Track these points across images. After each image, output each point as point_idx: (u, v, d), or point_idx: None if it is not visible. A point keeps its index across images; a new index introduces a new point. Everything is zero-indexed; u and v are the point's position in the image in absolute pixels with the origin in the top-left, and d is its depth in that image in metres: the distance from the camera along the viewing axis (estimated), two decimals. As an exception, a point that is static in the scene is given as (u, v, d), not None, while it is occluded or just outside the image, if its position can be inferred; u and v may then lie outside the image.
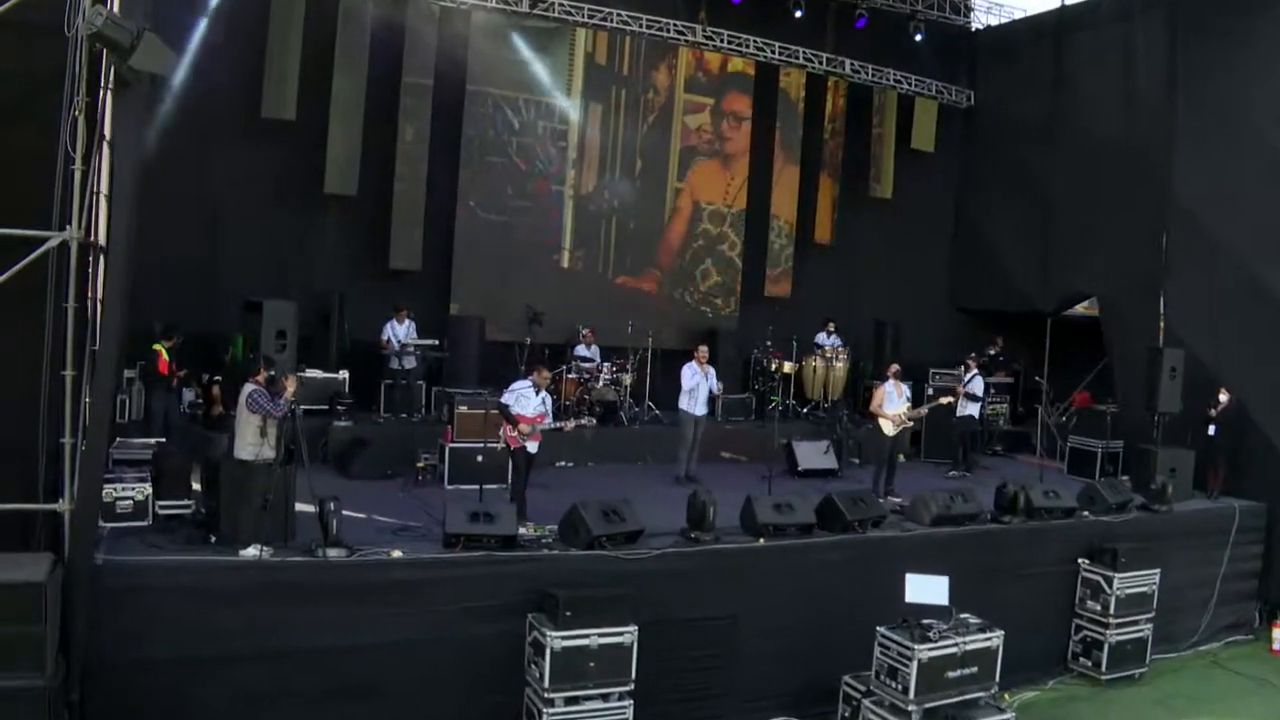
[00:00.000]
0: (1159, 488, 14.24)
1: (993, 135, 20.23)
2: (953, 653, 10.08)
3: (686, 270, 18.28)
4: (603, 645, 9.47)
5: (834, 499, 11.79)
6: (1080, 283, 18.76)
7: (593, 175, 17.36)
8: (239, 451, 8.96)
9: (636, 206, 17.80)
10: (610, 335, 16.50)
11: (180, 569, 8.56)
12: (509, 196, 16.61)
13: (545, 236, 17.23)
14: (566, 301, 16.48)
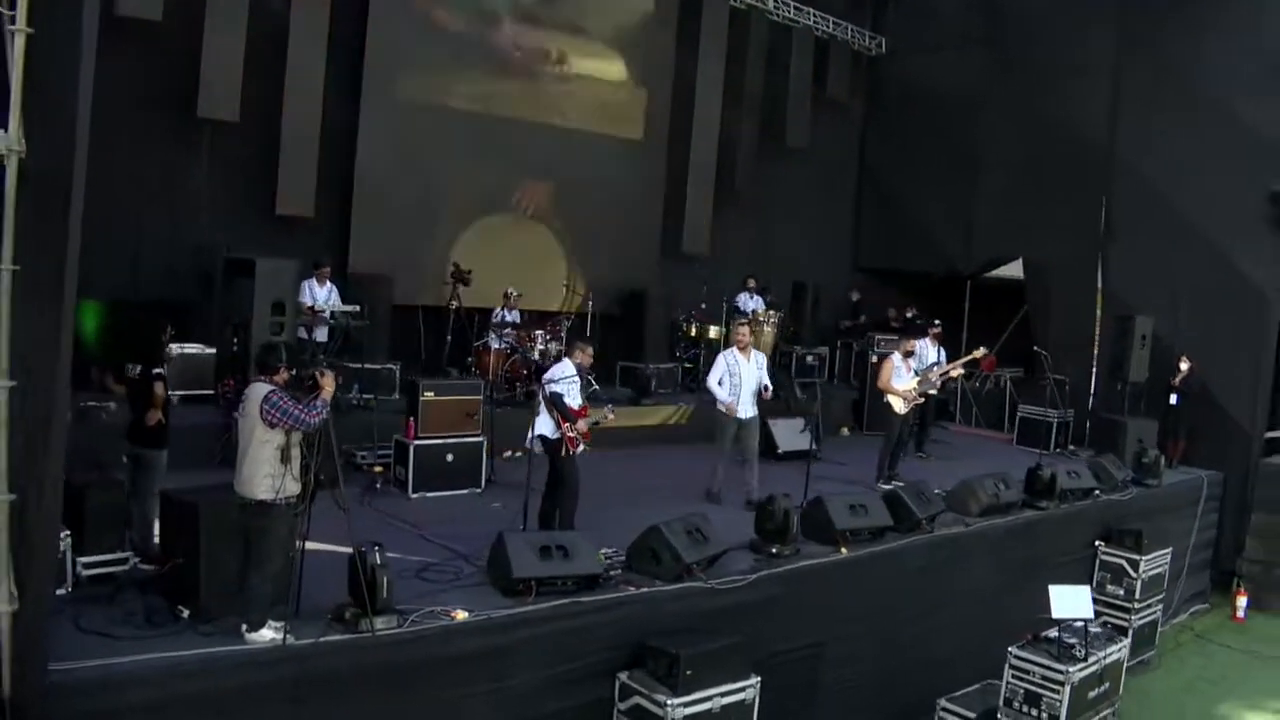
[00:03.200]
0: (1151, 461, 13.43)
1: (907, 88, 18.90)
2: (1095, 670, 8.55)
3: (608, 222, 15.73)
4: (725, 707, 7.32)
5: (901, 495, 9.98)
6: (1006, 246, 17.81)
7: (514, 105, 14.49)
8: (251, 488, 5.93)
9: (560, 148, 15.10)
10: (534, 298, 13.85)
11: (171, 674, 5.49)
12: (423, 131, 13.51)
13: (463, 181, 14.26)
14: (490, 259, 13.64)
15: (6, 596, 4.78)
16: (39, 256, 4.67)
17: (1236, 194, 14.58)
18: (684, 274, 16.51)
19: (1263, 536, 14.46)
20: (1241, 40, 14.67)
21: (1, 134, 4.58)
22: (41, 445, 4.74)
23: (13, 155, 4.59)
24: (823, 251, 19.06)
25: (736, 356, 10.44)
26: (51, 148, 4.75)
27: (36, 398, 4.70)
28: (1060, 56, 16.47)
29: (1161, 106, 15.31)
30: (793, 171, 18.09)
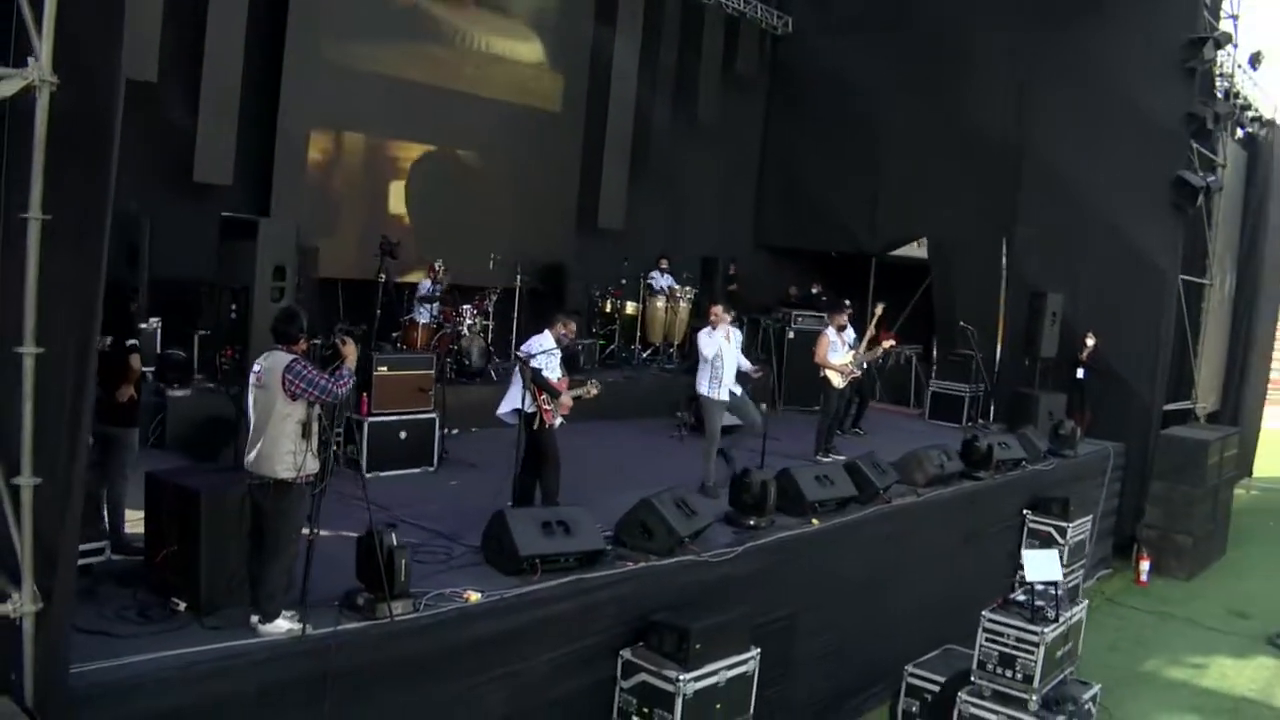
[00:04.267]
0: (1068, 433, 13.89)
1: (812, 68, 18.97)
2: (1063, 631, 8.74)
3: (529, 196, 15.35)
4: (730, 679, 7.25)
5: (861, 466, 10.04)
6: (911, 225, 18.15)
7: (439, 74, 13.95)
8: (271, 467, 5.45)
9: (483, 119, 14.63)
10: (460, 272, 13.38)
11: (189, 673, 5.00)
12: (348, 98, 12.88)
13: (389, 151, 13.63)
14: (416, 231, 13.10)
15: (30, 595, 4.26)
16: (71, 206, 4.15)
17: (1137, 177, 15.18)
18: (599, 249, 16.28)
19: (1161, 504, 15.18)
20: (1138, 30, 15.26)
21: (32, 62, 4.04)
22: (71, 423, 4.23)
23: (44, 87, 4.06)
24: (729, 228, 19.05)
25: (717, 335, 10.16)
26: (88, 80, 4.23)
27: (66, 368, 4.18)
28: (965, 41, 16.75)
29: (1064, 92, 15.78)
30: (703, 148, 18.01)
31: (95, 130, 4.28)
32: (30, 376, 4.06)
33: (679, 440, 12.88)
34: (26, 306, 4.04)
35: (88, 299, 4.22)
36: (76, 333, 4.19)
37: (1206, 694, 10.95)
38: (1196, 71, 14.89)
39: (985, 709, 8.49)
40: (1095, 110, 15.46)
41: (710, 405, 10.09)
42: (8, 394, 4.19)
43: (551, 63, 15.77)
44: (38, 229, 4.04)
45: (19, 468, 4.18)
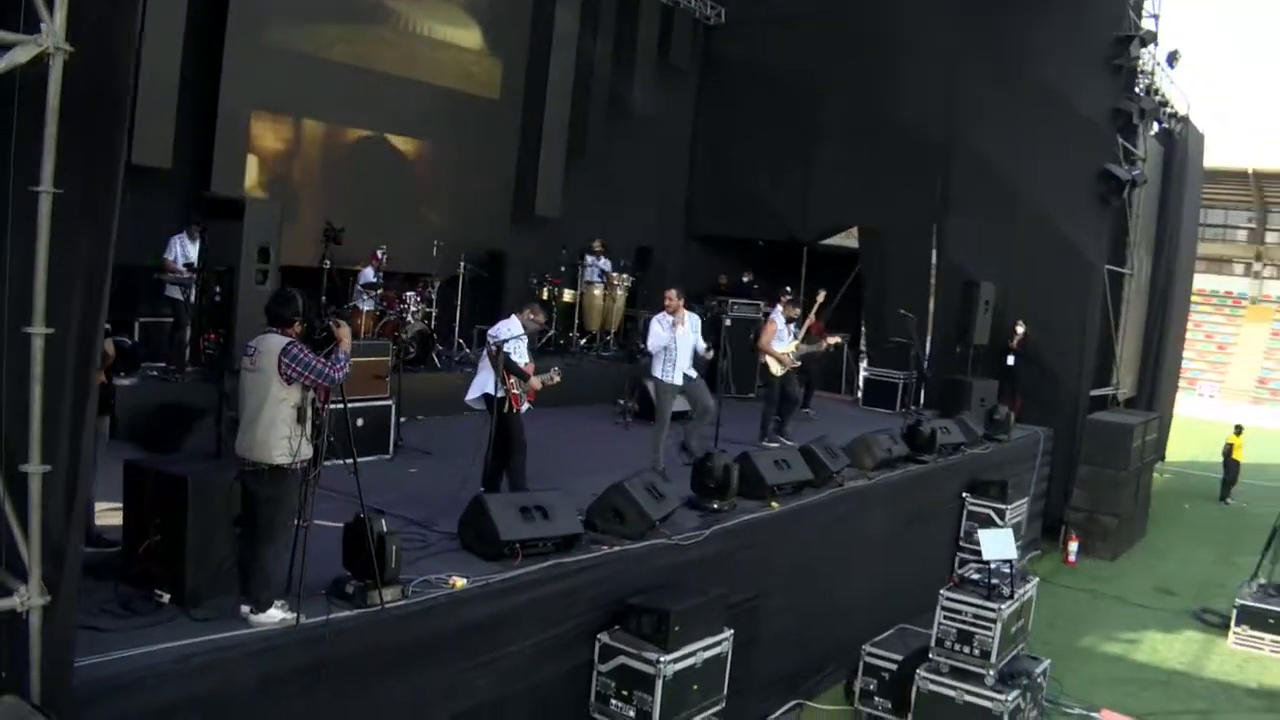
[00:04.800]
0: (1002, 418, 14.26)
1: (744, 58, 19.12)
2: (1017, 607, 9.03)
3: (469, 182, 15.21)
4: (706, 660, 7.31)
5: (815, 450, 10.20)
6: (843, 214, 18.44)
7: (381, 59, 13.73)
8: (266, 452, 5.33)
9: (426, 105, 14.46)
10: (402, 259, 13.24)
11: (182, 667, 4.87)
12: (290, 81, 12.60)
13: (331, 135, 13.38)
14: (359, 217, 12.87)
15: (38, 588, 4.11)
16: (82, 181, 3.99)
17: (1064, 170, 15.66)
18: (536, 237, 16.21)
19: (1088, 487, 15.71)
20: (1066, 27, 15.70)
21: (47, 26, 3.87)
22: (78, 407, 4.10)
23: (58, 55, 3.91)
24: (661, 217, 19.15)
25: (667, 321, 10.18)
26: (100, 49, 4.04)
27: (74, 350, 4.05)
28: (896, 34, 17.10)
29: (994, 85, 16.20)
30: (638, 137, 18.03)
31: (107, 102, 4.11)
32: (40, 358, 3.91)
33: (624, 427, 12.91)
34: (36, 285, 3.88)
35: (97, 278, 4.08)
36: (85, 313, 4.05)
37: (1141, 667, 11.39)
38: (1123, 68, 15.35)
39: (943, 684, 8.75)
40: (1024, 104, 15.87)
41: (663, 389, 10.15)
42: (12, 377, 4.03)
43: (491, 49, 15.67)
44: (49, 203, 3.89)
45: (27, 454, 4.02)
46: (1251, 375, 40.97)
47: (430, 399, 11.78)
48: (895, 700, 9.15)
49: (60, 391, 4.02)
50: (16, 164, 4.00)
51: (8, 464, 4.11)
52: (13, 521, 4.16)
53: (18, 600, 4.05)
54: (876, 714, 9.32)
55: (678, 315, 10.11)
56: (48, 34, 3.86)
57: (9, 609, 4.05)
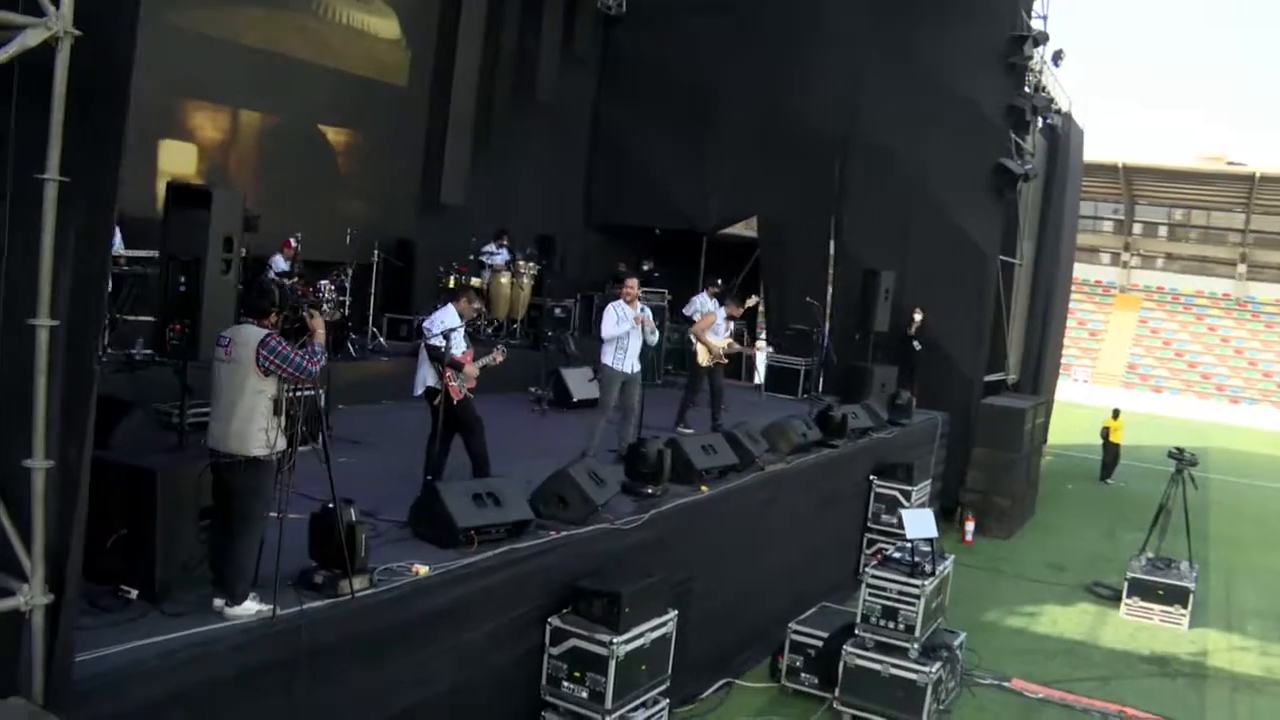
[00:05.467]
0: (904, 403, 14.81)
1: (644, 48, 19.30)
2: (937, 583, 9.52)
3: (380, 170, 15.07)
4: (654, 641, 7.58)
5: (739, 436, 10.50)
6: (742, 204, 18.81)
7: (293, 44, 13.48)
8: (243, 444, 5.31)
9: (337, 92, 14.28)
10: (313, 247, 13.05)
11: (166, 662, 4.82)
12: (201, 65, 12.31)
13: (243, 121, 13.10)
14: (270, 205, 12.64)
15: (41, 586, 4.09)
16: (82, 169, 3.96)
17: (959, 163, 16.30)
18: (441, 225, 16.12)
19: (983, 469, 16.42)
20: (961, 25, 16.34)
21: (54, 12, 3.83)
22: (81, 400, 4.08)
23: (66, 39, 3.88)
24: (561, 206, 19.23)
25: (624, 309, 10.32)
26: (104, 33, 3.99)
27: (77, 342, 4.03)
28: (795, 26, 17.54)
29: (891, 79, 16.74)
30: (538, 126, 18.06)
31: (110, 89, 4.07)
32: (44, 351, 3.89)
33: (540, 414, 13.03)
34: (41, 275, 3.85)
35: (97, 268, 4.07)
36: (86, 304, 4.03)
37: (1043, 638, 12.04)
38: (1016, 67, 16.03)
39: (869, 659, 9.16)
40: (920, 98, 16.47)
41: (611, 376, 10.33)
42: (8, 370, 3.99)
43: (405, 38, 15.54)
44: (54, 191, 3.86)
45: (30, 449, 4.00)
46: (1121, 361, 43.14)
47: (349, 388, 11.72)
48: (822, 675, 9.53)
49: (61, 385, 4.00)
50: (16, 151, 3.95)
51: (6, 461, 4.08)
52: (6, 520, 4.12)
53: (21, 600, 4.03)
54: (803, 689, 9.68)
55: (633, 306, 10.25)
56: (56, 18, 3.83)
57: (11, 609, 4.02)
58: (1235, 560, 16.52)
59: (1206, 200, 47.01)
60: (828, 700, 9.42)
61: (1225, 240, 47.22)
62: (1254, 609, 14.00)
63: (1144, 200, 47.64)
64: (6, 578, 4.13)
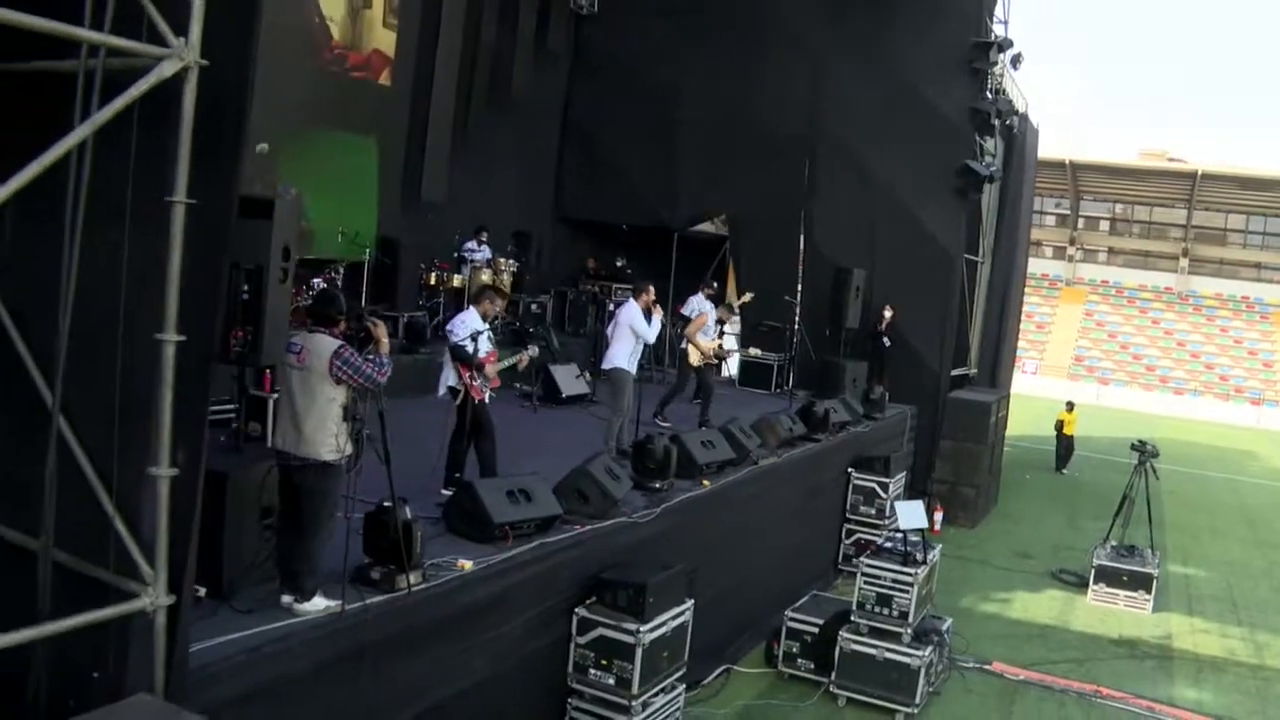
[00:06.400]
0: (878, 398, 15.29)
1: (614, 46, 19.57)
2: (928, 571, 9.99)
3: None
4: (674, 629, 7.96)
5: (734, 432, 10.90)
6: (712, 201, 19.18)
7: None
8: (315, 449, 5.56)
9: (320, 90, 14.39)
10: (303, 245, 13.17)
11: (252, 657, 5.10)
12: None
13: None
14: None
15: (164, 589, 4.34)
16: (203, 190, 4.18)
17: (924, 164, 16.81)
18: (421, 222, 16.29)
19: (950, 460, 16.99)
20: (925, 29, 16.84)
21: (177, 43, 4.06)
22: (197, 411, 4.33)
23: (194, 70, 4.12)
24: (532, 201, 19.45)
25: (636, 310, 10.66)
26: (228, 61, 4.24)
27: (195, 356, 4.27)
28: (763, 26, 17.88)
29: (857, 80, 17.18)
30: (511, 123, 18.28)
31: (229, 113, 4.31)
32: (170, 364, 4.13)
33: (532, 410, 13.29)
34: (169, 292, 4.10)
35: (214, 285, 4.31)
36: (204, 319, 4.28)
37: (1016, 623, 12.59)
38: (980, 71, 16.57)
39: (864, 644, 9.62)
40: (886, 100, 16.94)
41: (625, 378, 10.65)
42: (128, 382, 4.23)
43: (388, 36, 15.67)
44: (181, 213, 4.11)
45: (142, 459, 4.24)
46: (1068, 353, 44.30)
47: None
48: (818, 661, 9.96)
49: (182, 396, 4.25)
50: (137, 172, 4.17)
51: (122, 469, 4.31)
52: (122, 527, 4.35)
53: (147, 601, 4.27)
54: (800, 674, 10.10)
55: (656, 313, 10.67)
56: (185, 49, 4.07)
57: (138, 610, 4.26)
58: (1190, 547, 17.29)
59: (1149, 196, 48.37)
60: (824, 684, 9.86)
61: (1167, 235, 48.61)
62: (1210, 594, 14.71)
63: (1089, 196, 48.89)
64: (121, 579, 4.36)
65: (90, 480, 4.39)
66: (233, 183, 4.35)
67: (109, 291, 4.35)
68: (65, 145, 3.94)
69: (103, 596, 4.39)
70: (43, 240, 4.46)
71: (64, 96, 4.32)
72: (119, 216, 4.29)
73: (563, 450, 10.17)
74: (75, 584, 4.48)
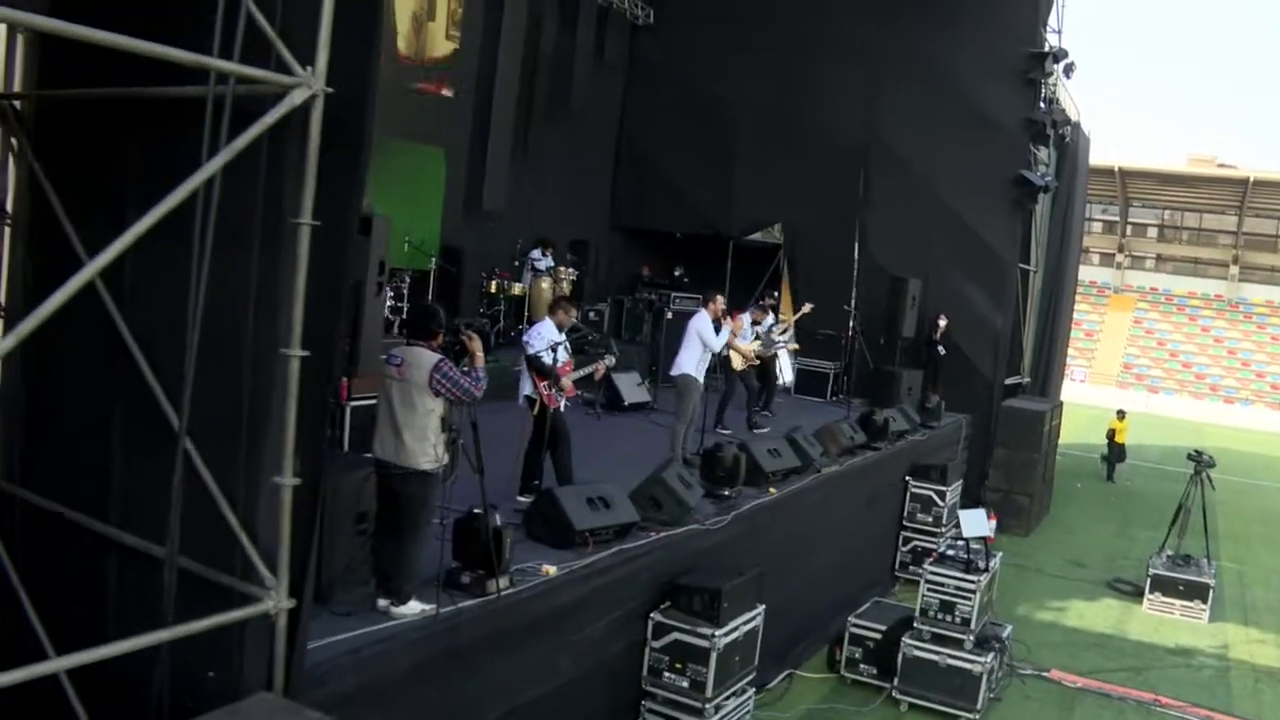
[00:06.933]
0: (934, 406, 15.38)
1: (670, 57, 19.75)
2: (989, 579, 10.09)
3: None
4: (746, 633, 8.14)
5: (798, 440, 11.06)
6: (768, 210, 19.30)
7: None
8: (415, 458, 5.80)
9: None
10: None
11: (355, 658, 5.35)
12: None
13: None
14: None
15: (286, 593, 4.58)
16: (326, 211, 4.41)
17: (979, 174, 16.86)
18: (483, 231, 16.56)
19: (1003, 468, 17.03)
20: (978, 39, 16.88)
21: (305, 72, 4.30)
22: (319, 423, 4.57)
23: (320, 97, 4.35)
24: (587, 210, 19.64)
25: (708, 320, 10.87)
26: (350, 87, 4.47)
27: (318, 370, 4.51)
28: (818, 37, 17.98)
29: (912, 91, 17.24)
30: (569, 132, 18.54)
31: (352, 138, 4.53)
32: (295, 378, 4.37)
33: (596, 418, 13.49)
34: (295, 310, 4.34)
35: (335, 302, 4.55)
36: (325, 335, 4.51)
37: (1073, 631, 12.65)
38: (1035, 81, 16.60)
39: (927, 650, 9.74)
40: (940, 110, 16.99)
41: (696, 386, 10.80)
42: (260, 395, 4.47)
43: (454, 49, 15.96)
44: (307, 234, 4.35)
45: (261, 470, 4.47)
46: (1116, 361, 43.94)
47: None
48: (881, 666, 10.10)
49: (304, 409, 4.49)
50: (266, 192, 4.41)
51: (246, 480, 4.55)
52: (243, 534, 4.59)
53: (270, 604, 4.51)
54: (862, 679, 10.24)
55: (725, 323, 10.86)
56: (314, 77, 4.31)
57: (262, 613, 4.50)
58: (1245, 557, 17.22)
59: (1199, 202, 47.88)
60: (886, 689, 9.99)
61: (1216, 242, 48.09)
62: (1267, 604, 14.67)
63: (1138, 202, 48.47)
64: (246, 584, 4.60)
65: (212, 491, 4.62)
66: (355, 205, 4.58)
67: (230, 311, 4.59)
68: (207, 171, 4.17)
69: (221, 600, 4.64)
70: (165, 264, 4.69)
71: (185, 121, 4.54)
72: (239, 238, 4.51)
73: (627, 457, 10.47)
74: (193, 588, 4.71)
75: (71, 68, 5.14)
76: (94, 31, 3.89)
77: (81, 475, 5.26)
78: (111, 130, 5.13)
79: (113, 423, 5.15)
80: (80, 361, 5.25)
